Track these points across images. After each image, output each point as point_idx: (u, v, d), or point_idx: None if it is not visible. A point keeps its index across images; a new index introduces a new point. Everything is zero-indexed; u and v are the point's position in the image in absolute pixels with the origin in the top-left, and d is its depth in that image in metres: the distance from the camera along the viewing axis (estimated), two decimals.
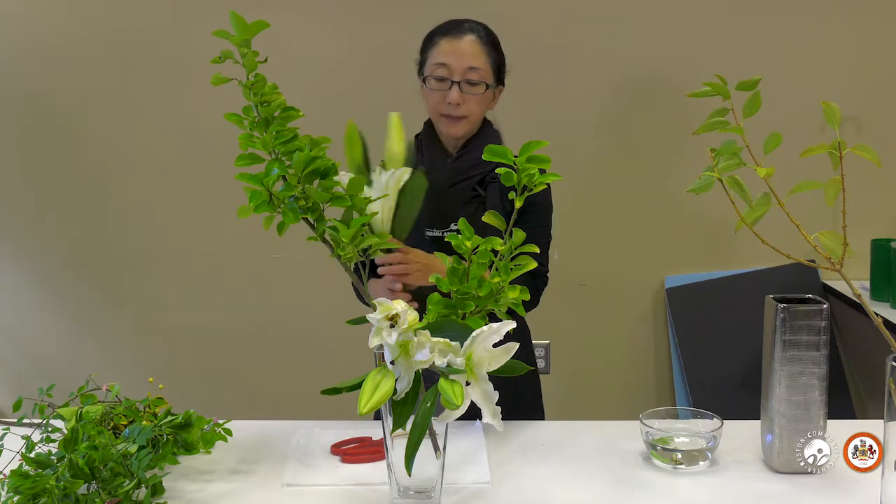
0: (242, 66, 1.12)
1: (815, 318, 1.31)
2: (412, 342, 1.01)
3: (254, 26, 1.10)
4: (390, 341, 0.99)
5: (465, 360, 1.03)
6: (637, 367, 2.99)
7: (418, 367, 1.03)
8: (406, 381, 1.02)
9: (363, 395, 0.99)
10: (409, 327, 1.01)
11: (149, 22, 2.81)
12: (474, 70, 1.72)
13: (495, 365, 1.06)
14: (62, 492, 1.14)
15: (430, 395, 1.04)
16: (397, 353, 1.01)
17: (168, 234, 2.91)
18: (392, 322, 1.00)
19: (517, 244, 1.18)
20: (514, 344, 1.07)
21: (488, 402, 1.04)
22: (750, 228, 1.15)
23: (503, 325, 1.04)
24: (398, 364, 1.02)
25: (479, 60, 1.73)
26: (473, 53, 1.73)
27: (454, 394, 0.99)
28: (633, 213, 2.91)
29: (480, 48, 1.74)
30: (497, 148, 1.17)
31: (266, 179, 1.10)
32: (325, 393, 1.06)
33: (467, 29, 1.75)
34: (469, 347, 1.03)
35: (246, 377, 2.96)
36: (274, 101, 1.13)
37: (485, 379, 1.05)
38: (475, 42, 1.74)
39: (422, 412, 1.03)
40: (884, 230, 2.82)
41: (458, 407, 1.00)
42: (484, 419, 1.05)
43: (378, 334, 1.00)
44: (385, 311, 1.00)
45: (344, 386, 1.04)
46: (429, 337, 1.01)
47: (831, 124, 1.14)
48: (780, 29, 2.83)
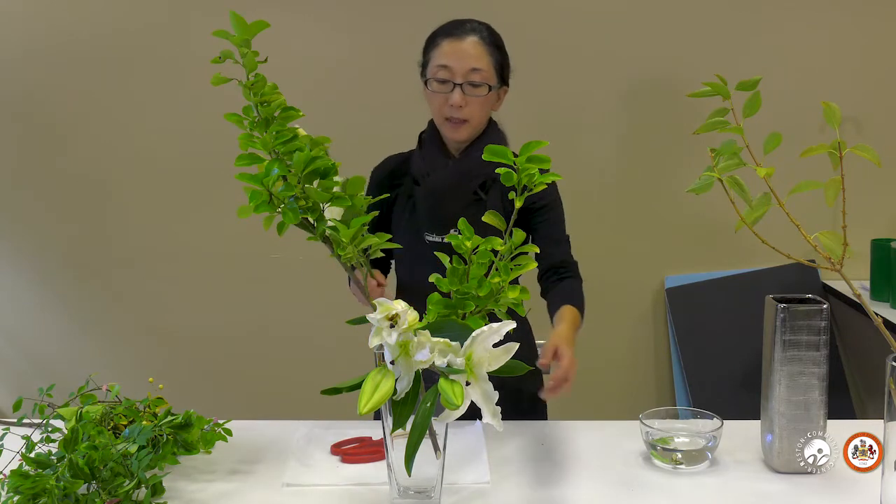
0: (242, 66, 1.12)
1: (815, 318, 1.32)
2: (412, 342, 1.01)
3: (254, 26, 1.10)
4: (390, 341, 0.99)
5: (465, 360, 1.03)
6: (637, 367, 2.99)
7: (418, 367, 1.03)
8: (406, 381, 1.02)
9: (363, 395, 0.99)
10: (409, 327, 1.01)
11: (149, 22, 2.81)
12: (477, 71, 1.69)
13: (495, 365, 1.06)
14: (62, 492, 1.14)
15: (429, 396, 1.03)
16: (397, 353, 1.01)
17: (168, 234, 2.91)
18: (392, 322, 1.00)
19: (517, 244, 1.18)
20: (514, 344, 1.07)
21: (488, 402, 1.04)
22: (750, 228, 1.15)
23: (503, 325, 1.04)
24: (398, 364, 1.02)
25: (481, 62, 1.70)
26: (476, 55, 1.70)
27: (454, 394, 0.99)
28: (633, 213, 2.91)
29: (483, 49, 1.71)
30: (497, 148, 1.16)
31: (266, 179, 1.10)
32: (325, 393, 1.06)
33: (469, 30, 1.73)
34: (469, 347, 1.03)
35: (246, 377, 2.96)
36: (274, 101, 1.13)
37: (485, 379, 1.05)
38: (477, 43, 1.71)
39: (422, 412, 1.03)
40: (884, 230, 2.82)
41: (458, 407, 1.00)
42: (484, 419, 1.05)
43: (378, 334, 1.00)
44: (385, 311, 1.00)
45: (344, 386, 1.04)
46: (429, 337, 1.01)
47: (831, 124, 1.14)
48: (780, 29, 2.83)
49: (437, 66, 1.71)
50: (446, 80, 1.70)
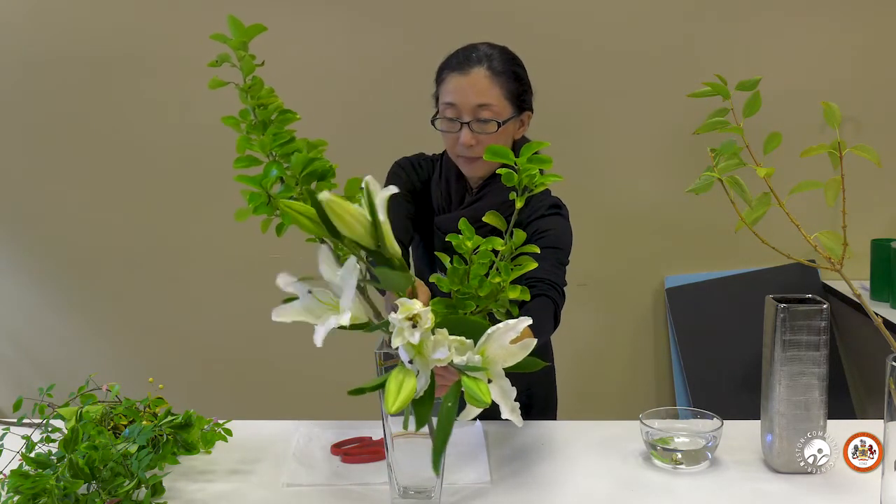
0: (240, 69, 1.12)
1: (815, 318, 1.31)
2: (427, 341, 1.01)
3: (251, 30, 1.10)
4: (413, 341, 0.99)
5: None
6: (637, 367, 2.99)
7: (435, 366, 1.04)
8: (424, 380, 1.02)
9: (389, 395, 0.99)
10: (431, 327, 1.01)
11: (148, 23, 2.81)
12: (485, 107, 1.57)
13: (511, 361, 1.06)
14: (62, 492, 1.14)
15: (450, 395, 1.04)
16: (413, 353, 1.01)
17: (168, 235, 2.91)
18: (414, 322, 1.00)
19: (517, 244, 1.18)
20: (532, 340, 1.07)
21: (506, 399, 1.05)
22: (750, 228, 1.15)
23: (519, 322, 1.04)
24: (416, 363, 1.02)
25: (489, 95, 1.57)
26: (482, 89, 1.57)
27: (481, 391, 0.99)
28: (633, 213, 2.91)
29: (490, 81, 1.58)
30: (497, 148, 1.16)
31: (265, 181, 1.10)
32: (351, 393, 1.07)
33: (476, 60, 1.59)
34: (483, 344, 1.03)
35: (246, 377, 2.96)
36: (271, 104, 1.13)
37: (501, 375, 1.05)
38: (484, 75, 1.58)
39: (444, 411, 1.03)
40: (884, 230, 2.82)
41: (489, 404, 1.00)
42: (503, 415, 1.05)
43: (400, 334, 1.00)
44: (406, 311, 1.00)
45: (368, 386, 1.05)
46: (446, 335, 1.02)
47: (831, 124, 1.14)
48: (780, 29, 2.83)
49: (445, 103, 1.61)
50: (454, 118, 1.60)
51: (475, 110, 1.58)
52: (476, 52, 1.62)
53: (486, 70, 1.59)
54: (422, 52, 1.73)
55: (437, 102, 1.65)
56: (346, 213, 1.04)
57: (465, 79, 1.58)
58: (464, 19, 2.58)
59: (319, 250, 1.05)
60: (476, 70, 1.59)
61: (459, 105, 1.58)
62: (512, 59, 1.65)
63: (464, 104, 1.58)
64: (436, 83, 1.66)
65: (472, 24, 1.78)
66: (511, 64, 1.63)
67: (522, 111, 1.66)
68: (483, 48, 1.63)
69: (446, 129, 1.61)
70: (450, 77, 1.61)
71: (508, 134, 1.63)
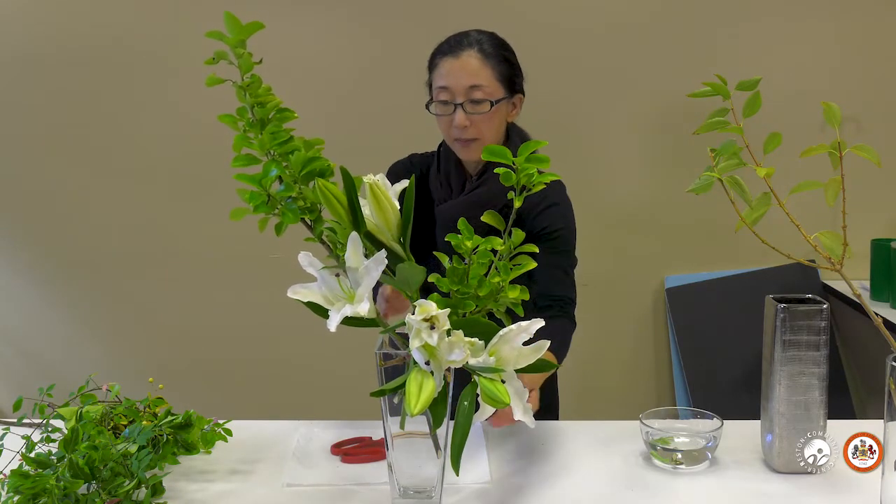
0: (237, 67, 1.11)
1: (815, 318, 1.31)
2: (442, 342, 1.01)
3: (248, 27, 1.10)
4: (431, 342, 0.99)
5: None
6: (637, 367, 2.99)
7: (450, 367, 1.04)
8: (438, 381, 1.03)
9: (410, 397, 0.99)
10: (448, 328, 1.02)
11: (147, 23, 2.81)
12: (477, 88, 1.63)
13: (523, 363, 1.06)
14: (62, 492, 1.14)
15: (466, 395, 1.04)
16: (427, 355, 1.01)
17: (168, 234, 2.91)
18: (431, 324, 1.00)
19: (517, 244, 1.18)
20: (546, 342, 1.07)
21: (519, 400, 1.05)
22: (750, 228, 1.15)
23: (532, 324, 1.04)
24: (431, 364, 1.02)
25: (480, 77, 1.63)
26: (473, 71, 1.63)
27: (500, 391, 1.00)
28: (633, 213, 2.91)
29: (482, 63, 1.64)
30: (496, 147, 1.16)
31: (264, 180, 1.10)
32: (374, 395, 1.07)
33: (467, 44, 1.65)
34: (494, 346, 1.03)
35: (246, 377, 2.96)
36: (269, 102, 1.12)
37: (513, 377, 1.05)
38: (476, 57, 1.64)
39: (462, 412, 1.04)
40: (884, 230, 2.83)
41: (508, 404, 1.00)
42: (515, 416, 1.05)
43: (418, 336, 1.00)
44: (424, 312, 1.00)
45: (389, 387, 1.06)
46: (461, 337, 1.02)
47: (831, 124, 1.14)
48: (781, 29, 2.83)
49: (438, 87, 1.66)
50: (447, 101, 1.65)
51: (468, 91, 1.63)
52: (467, 37, 1.67)
53: (477, 52, 1.65)
54: (421, 52, 1.73)
55: (431, 89, 1.70)
56: (386, 199, 1.05)
57: (456, 62, 1.64)
58: (464, 19, 2.57)
59: (350, 237, 1.05)
60: (467, 53, 1.65)
61: (452, 87, 1.64)
62: (501, 43, 1.70)
63: (456, 86, 1.63)
64: (428, 70, 1.71)
65: (472, 24, 1.78)
66: (501, 48, 1.69)
67: (514, 93, 1.71)
68: (473, 33, 1.68)
69: (440, 112, 1.66)
70: (442, 61, 1.66)
71: (501, 115, 1.68)
